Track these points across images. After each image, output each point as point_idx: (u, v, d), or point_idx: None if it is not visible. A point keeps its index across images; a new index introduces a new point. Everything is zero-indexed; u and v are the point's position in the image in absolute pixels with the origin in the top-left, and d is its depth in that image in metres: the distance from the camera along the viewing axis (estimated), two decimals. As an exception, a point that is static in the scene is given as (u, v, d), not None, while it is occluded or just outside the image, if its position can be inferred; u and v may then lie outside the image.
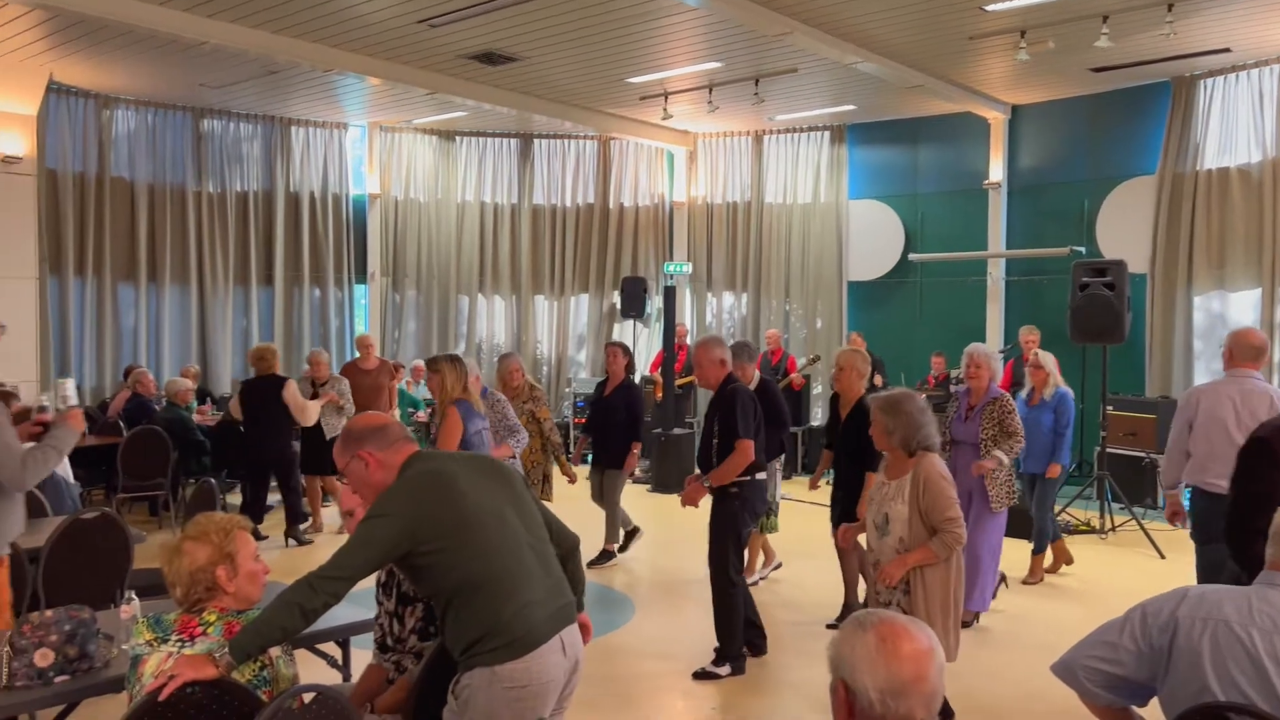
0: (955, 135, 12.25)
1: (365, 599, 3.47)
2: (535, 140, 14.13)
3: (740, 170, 13.82)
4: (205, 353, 12.52)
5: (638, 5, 8.37)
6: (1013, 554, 7.14)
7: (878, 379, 8.37)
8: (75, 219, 11.45)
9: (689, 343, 12.47)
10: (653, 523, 8.20)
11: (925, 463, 4.13)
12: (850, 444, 5.86)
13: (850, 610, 6.15)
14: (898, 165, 12.82)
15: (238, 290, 12.77)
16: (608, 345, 8.14)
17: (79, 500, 7.13)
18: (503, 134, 14.01)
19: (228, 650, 2.60)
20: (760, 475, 5.41)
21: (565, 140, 14.16)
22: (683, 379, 11.72)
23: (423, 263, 13.85)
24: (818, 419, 12.80)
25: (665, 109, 11.68)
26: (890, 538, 4.16)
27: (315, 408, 8.26)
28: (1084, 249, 11.07)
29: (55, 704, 3.04)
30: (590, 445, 8.06)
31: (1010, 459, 6.02)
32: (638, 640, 5.98)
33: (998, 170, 11.91)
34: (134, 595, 3.33)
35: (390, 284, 13.72)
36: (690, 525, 5.61)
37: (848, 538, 4.84)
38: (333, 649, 3.75)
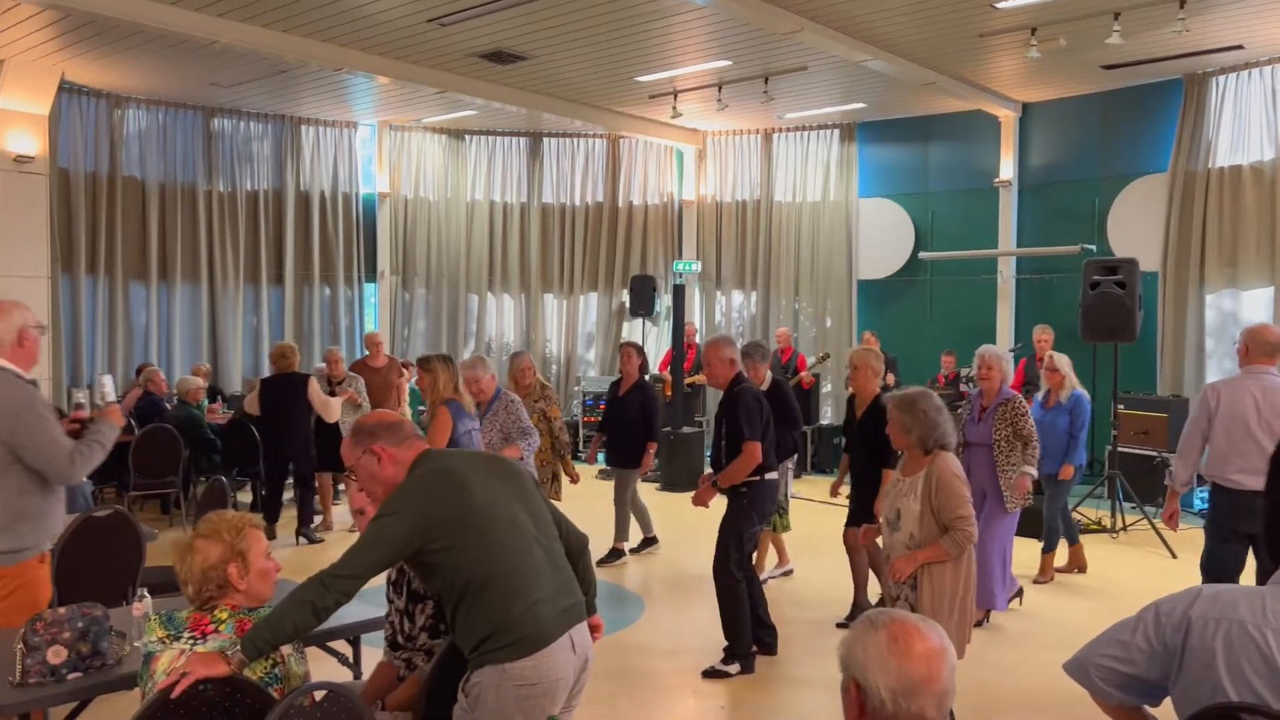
0: (966, 133, 12.21)
1: (376, 597, 3.48)
2: (544, 139, 14.13)
3: (749, 168, 13.80)
4: (216, 351, 12.57)
5: (647, 3, 8.37)
6: (1023, 553, 7.13)
7: (890, 377, 8.36)
8: (87, 218, 11.50)
9: (698, 341, 12.47)
10: (663, 521, 8.21)
11: (940, 461, 4.16)
12: (866, 442, 5.92)
13: (860, 609, 6.16)
14: (908, 163, 12.78)
15: (248, 289, 12.82)
16: (622, 345, 8.20)
17: (91, 498, 7.17)
18: (512, 133, 14.02)
19: (239, 647, 2.61)
20: (770, 475, 5.42)
21: (574, 139, 14.16)
22: (692, 377, 11.72)
23: (432, 261, 13.87)
24: (827, 417, 12.79)
25: (674, 107, 11.67)
26: (901, 533, 4.20)
27: (338, 404, 8.36)
28: (1095, 247, 11.02)
29: (68, 700, 3.05)
30: (605, 444, 8.13)
31: (1034, 465, 6.06)
32: (648, 638, 5.98)
33: (1008, 168, 11.86)
34: (146, 593, 3.35)
35: (400, 282, 13.75)
36: (700, 524, 5.61)
37: (868, 537, 4.86)
38: (344, 647, 3.76)
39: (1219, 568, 5.04)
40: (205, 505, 5.94)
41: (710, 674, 5.30)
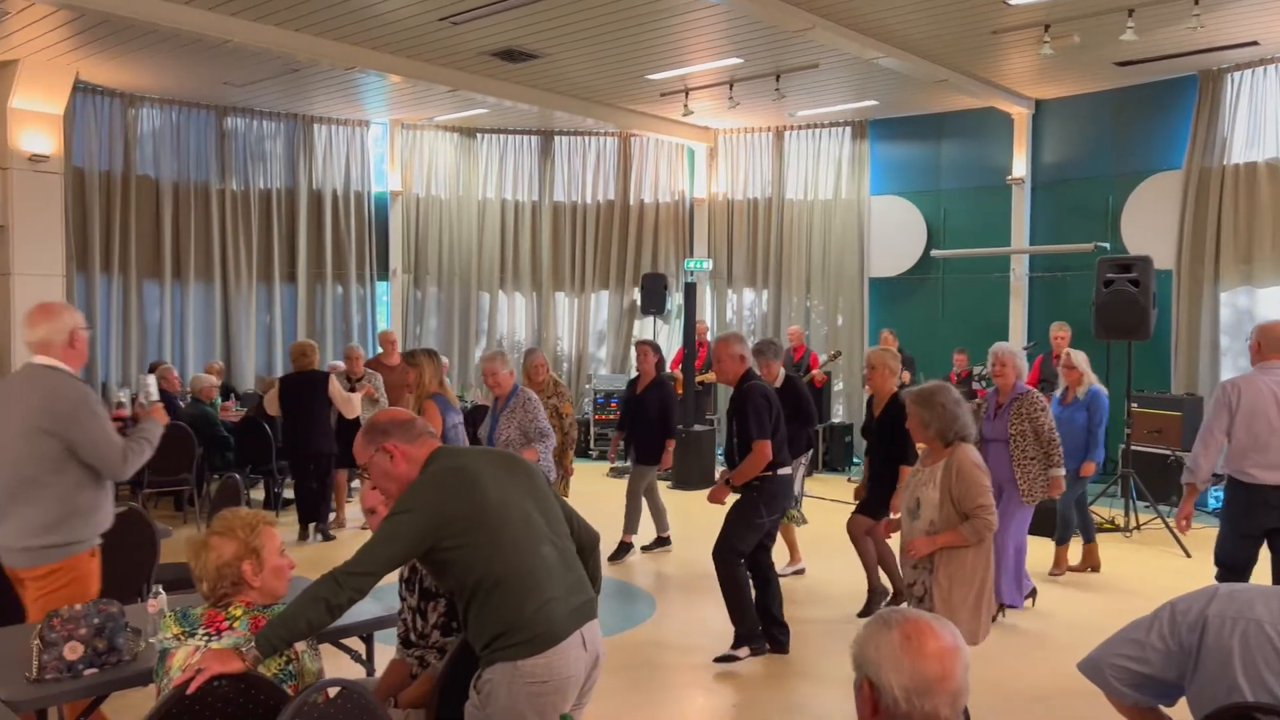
0: (978, 130, 12.16)
1: (389, 595, 3.49)
2: (556, 137, 14.14)
3: (761, 166, 13.77)
4: (229, 349, 12.62)
5: (658, 1, 8.36)
6: (1036, 552, 7.10)
7: (905, 376, 8.37)
8: (101, 217, 11.56)
9: (709, 339, 12.47)
10: (674, 519, 8.21)
11: (960, 451, 4.25)
12: (884, 440, 5.97)
13: (875, 594, 6.24)
14: (920, 161, 12.74)
15: (261, 287, 12.86)
16: (638, 343, 8.27)
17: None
18: (523, 131, 14.03)
19: (254, 644, 2.62)
20: (783, 470, 5.44)
21: (586, 137, 14.16)
22: (703, 375, 11.71)
23: (444, 259, 13.90)
24: (839, 416, 12.77)
25: (686, 105, 11.66)
26: (921, 521, 4.28)
27: (358, 400, 8.39)
28: (1109, 245, 10.96)
29: (84, 696, 3.07)
30: (623, 441, 8.22)
31: (1061, 465, 6.08)
32: (658, 635, 5.99)
33: (1021, 166, 11.81)
34: (161, 589, 3.37)
35: (412, 281, 13.78)
36: (712, 522, 5.61)
37: (888, 530, 4.95)
38: (357, 644, 3.78)
39: (1232, 561, 5.10)
40: (219, 503, 5.98)
41: (722, 659, 5.37)
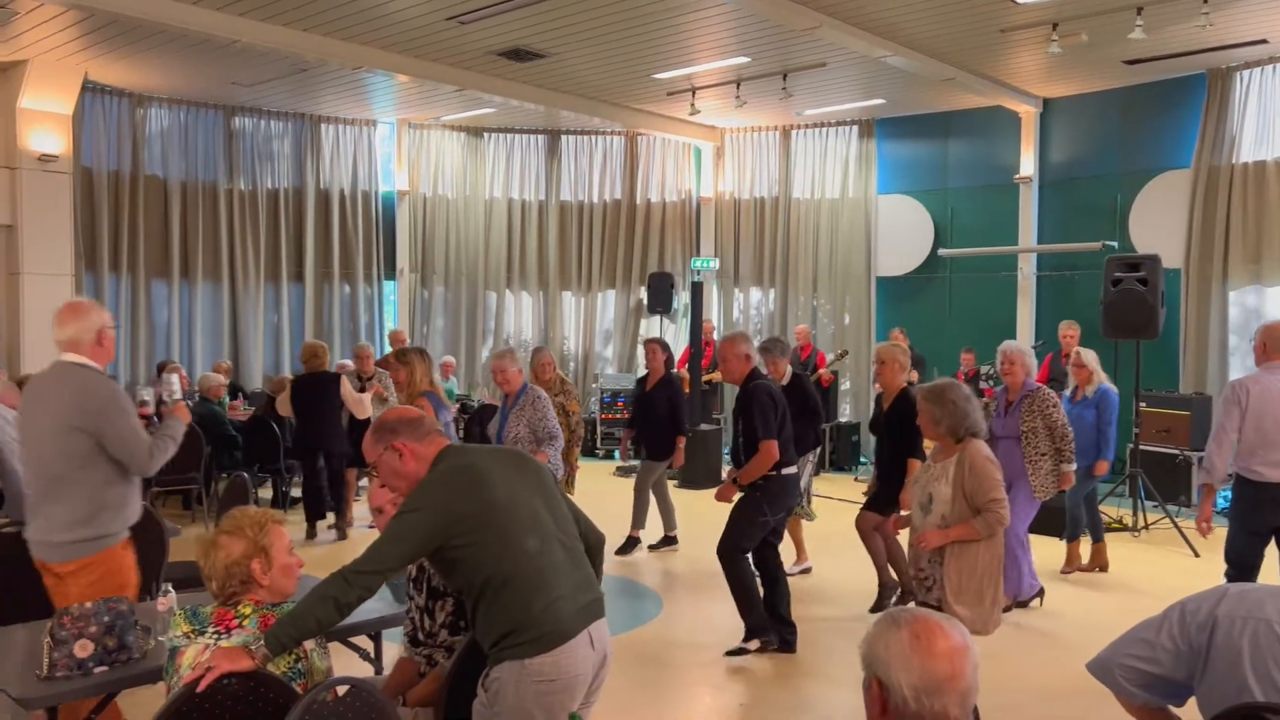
0: (986, 129, 12.13)
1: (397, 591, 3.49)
2: (563, 136, 14.14)
3: (768, 165, 13.76)
4: (237, 348, 12.66)
5: (665, 0, 8.36)
6: (1042, 551, 7.09)
7: (914, 375, 8.37)
8: (110, 216, 11.61)
9: (715, 338, 12.46)
10: (681, 517, 8.20)
11: (972, 447, 4.29)
12: (892, 435, 5.98)
13: (886, 589, 6.26)
14: (927, 160, 12.72)
15: (269, 286, 12.90)
16: (646, 341, 8.31)
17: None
18: (530, 130, 14.04)
19: (263, 642, 2.63)
20: (788, 470, 5.44)
21: (592, 136, 14.17)
22: (709, 374, 11.71)
23: (451, 259, 13.91)
24: (846, 415, 12.75)
25: (693, 104, 11.65)
26: (933, 516, 4.32)
27: (368, 400, 8.42)
28: (1117, 243, 10.93)
29: (94, 694, 3.08)
30: (633, 439, 8.25)
31: (1073, 461, 6.10)
32: (666, 634, 5.99)
33: (1029, 164, 11.78)
34: (170, 588, 3.38)
35: (419, 280, 13.80)
36: (719, 521, 5.61)
37: (898, 526, 4.98)
38: (365, 642, 3.79)
39: (1241, 559, 5.15)
40: (227, 501, 6.00)
41: (733, 653, 5.41)
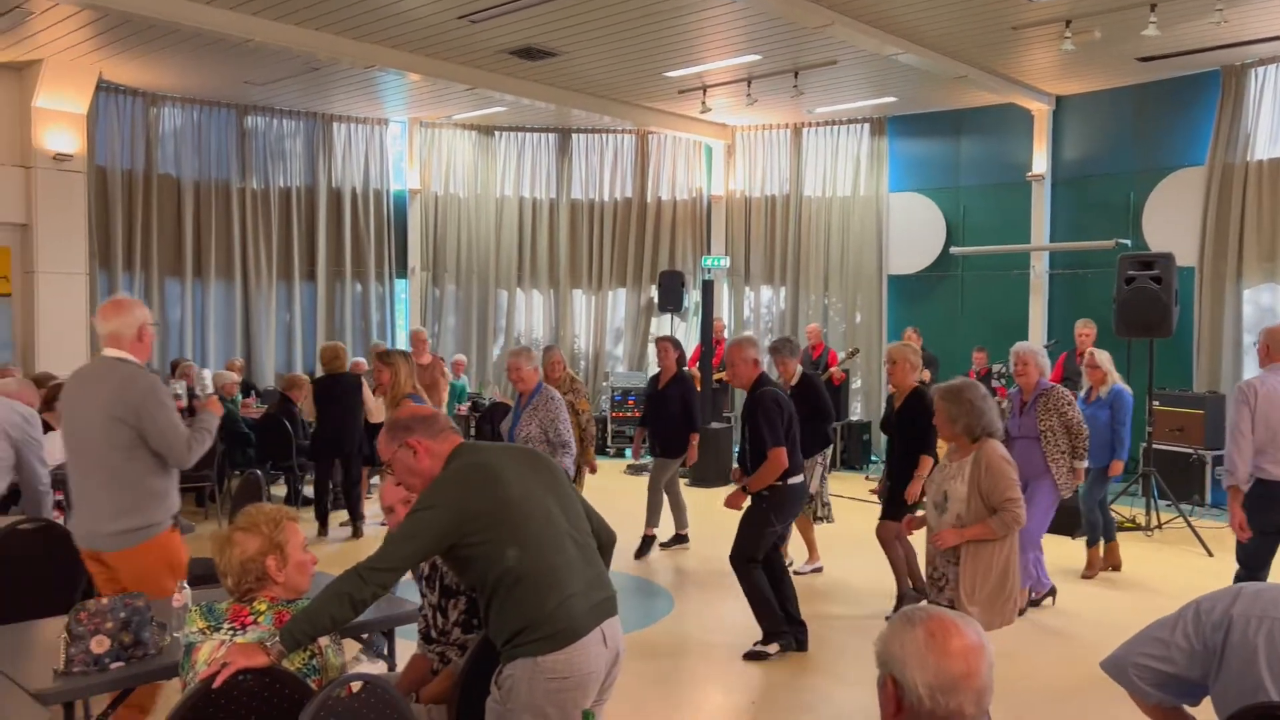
0: (998, 127, 12.08)
1: (409, 590, 3.51)
2: (573, 135, 14.15)
3: (779, 163, 13.74)
4: (250, 346, 12.71)
5: (677, -2, 8.36)
6: (1054, 551, 7.07)
7: (926, 375, 8.36)
8: (124, 215, 11.66)
9: (726, 337, 12.45)
10: (692, 516, 8.21)
11: (988, 446, 4.30)
12: (904, 433, 5.97)
13: (905, 601, 6.22)
14: (939, 158, 12.67)
15: (281, 285, 12.94)
16: (658, 340, 8.32)
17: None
18: (541, 129, 14.05)
19: (278, 639, 2.65)
20: (794, 480, 5.42)
21: (603, 134, 14.17)
22: (720, 373, 11.71)
23: (462, 257, 13.94)
24: (857, 413, 12.73)
25: (704, 102, 11.64)
26: (948, 515, 4.32)
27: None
28: (1130, 242, 10.88)
29: (110, 689, 3.11)
30: (647, 437, 8.27)
31: (1085, 457, 6.11)
32: (677, 632, 5.99)
33: (1041, 162, 11.73)
34: (186, 584, 3.40)
35: (430, 278, 13.83)
36: (730, 520, 5.62)
37: (912, 527, 4.97)
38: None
39: (1251, 558, 5.16)
40: (240, 499, 6.03)
41: (751, 656, 5.39)
